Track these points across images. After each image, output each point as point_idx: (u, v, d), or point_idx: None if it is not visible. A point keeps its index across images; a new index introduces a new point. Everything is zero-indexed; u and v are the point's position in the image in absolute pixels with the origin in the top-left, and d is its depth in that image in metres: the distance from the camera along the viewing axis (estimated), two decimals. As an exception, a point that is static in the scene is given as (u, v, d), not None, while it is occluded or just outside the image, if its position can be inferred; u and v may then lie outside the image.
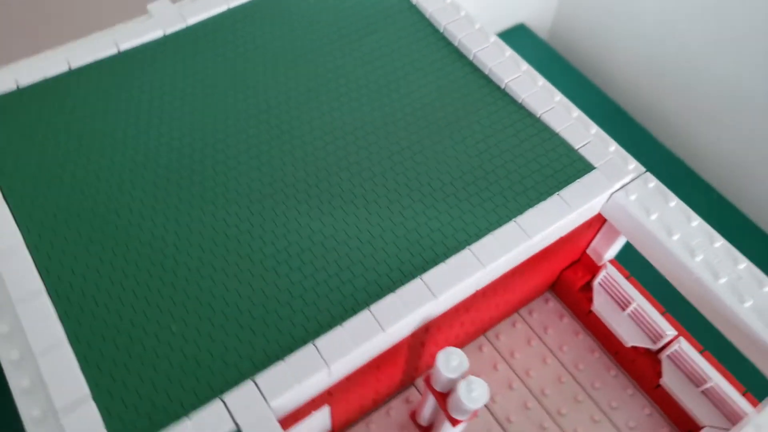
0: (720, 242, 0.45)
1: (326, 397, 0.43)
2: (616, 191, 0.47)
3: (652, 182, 0.47)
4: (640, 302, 0.53)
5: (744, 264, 0.44)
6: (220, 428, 0.35)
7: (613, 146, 0.50)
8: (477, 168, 0.47)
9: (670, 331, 0.52)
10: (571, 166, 0.47)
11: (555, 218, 0.44)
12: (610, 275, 0.55)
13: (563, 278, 0.59)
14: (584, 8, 1.08)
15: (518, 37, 1.13)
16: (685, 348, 0.51)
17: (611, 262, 0.56)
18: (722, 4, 0.86)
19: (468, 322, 0.52)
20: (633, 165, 0.49)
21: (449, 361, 0.41)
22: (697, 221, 0.46)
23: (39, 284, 0.40)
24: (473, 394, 0.40)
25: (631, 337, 0.55)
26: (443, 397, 0.44)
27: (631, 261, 0.55)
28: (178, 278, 0.41)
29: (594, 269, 0.57)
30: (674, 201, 0.47)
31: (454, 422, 0.43)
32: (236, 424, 0.35)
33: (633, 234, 0.47)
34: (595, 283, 0.57)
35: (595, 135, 0.50)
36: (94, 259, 0.41)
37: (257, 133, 0.48)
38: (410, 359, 0.49)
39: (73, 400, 0.36)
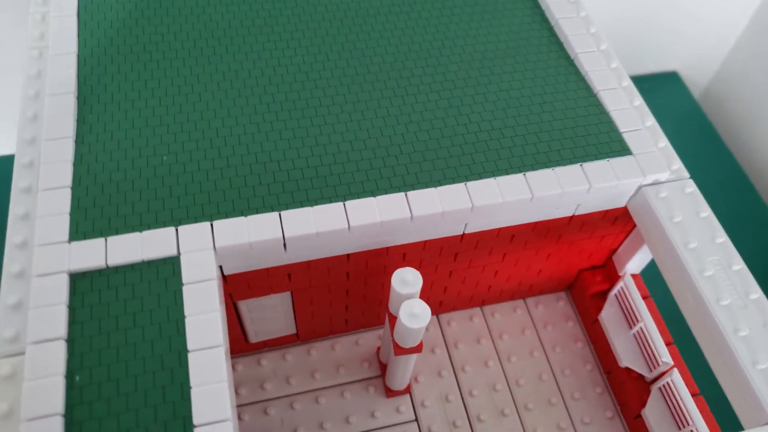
0: (739, 266, 0.40)
1: (286, 280, 0.44)
2: (647, 185, 0.44)
3: (691, 188, 0.43)
4: (647, 324, 0.49)
5: (756, 295, 0.39)
6: (164, 250, 0.37)
7: (663, 143, 0.46)
8: (512, 116, 0.45)
9: (666, 360, 0.47)
10: (607, 145, 0.44)
11: (566, 185, 0.42)
12: (626, 288, 0.51)
13: (580, 279, 0.55)
14: (753, 68, 0.98)
15: (666, 84, 1.06)
16: (677, 383, 0.46)
17: (634, 276, 0.52)
18: None
19: (459, 278, 0.50)
20: (676, 166, 0.45)
21: (403, 276, 0.40)
22: (722, 239, 0.41)
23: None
24: (414, 310, 0.39)
25: (627, 357, 0.50)
26: (394, 322, 0.43)
27: (658, 285, 0.51)
28: (194, 108, 0.43)
29: (614, 279, 0.53)
30: (706, 213, 0.42)
31: (397, 350, 0.42)
32: (178, 252, 0.37)
33: (650, 233, 0.44)
34: (611, 293, 0.53)
35: (647, 127, 0.46)
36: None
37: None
38: (388, 289, 0.49)
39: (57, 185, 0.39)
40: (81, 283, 0.36)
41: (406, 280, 0.40)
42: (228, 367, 0.35)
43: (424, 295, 0.52)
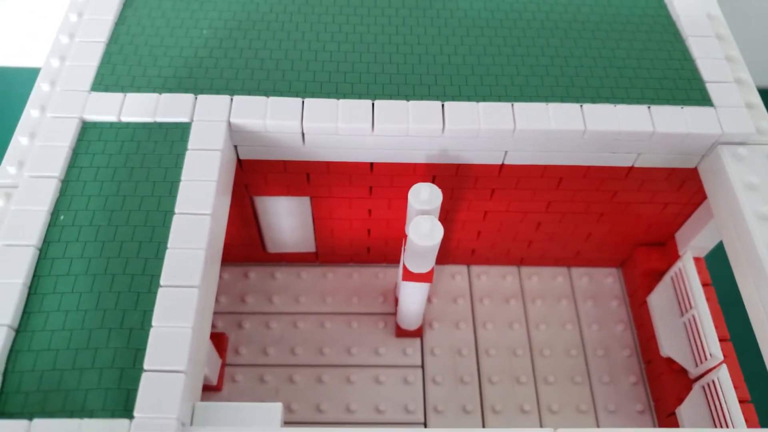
0: (821, 246, 0.34)
1: (304, 181, 0.41)
2: (724, 144, 0.37)
3: (778, 154, 0.37)
4: (700, 311, 0.42)
5: (836, 281, 0.32)
6: (178, 115, 0.36)
7: (756, 101, 0.39)
8: (581, 45, 0.40)
9: (716, 353, 0.40)
10: (684, 92, 0.38)
11: (627, 124, 0.37)
12: (684, 270, 0.45)
13: (634, 255, 0.49)
14: None
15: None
16: (724, 382, 0.39)
17: (696, 259, 0.45)
18: None
19: (495, 223, 0.46)
20: (766, 127, 0.38)
21: (420, 190, 0.36)
22: (806, 213, 0.35)
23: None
24: (423, 226, 0.35)
25: (671, 346, 0.44)
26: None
27: (724, 276, 0.44)
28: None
29: (674, 259, 0.47)
30: (792, 182, 0.36)
31: (406, 274, 0.39)
32: (191, 119, 0.36)
33: (718, 201, 0.38)
34: (667, 275, 0.47)
35: (739, 81, 0.40)
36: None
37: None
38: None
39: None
40: (90, 131, 0.36)
41: (423, 195, 0.36)
42: (211, 231, 0.32)
43: (455, 236, 0.48)
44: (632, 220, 0.46)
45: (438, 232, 0.35)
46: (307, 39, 0.40)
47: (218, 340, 0.46)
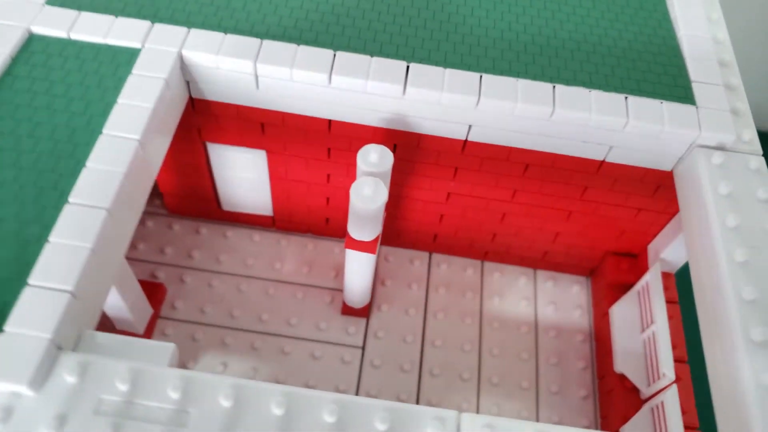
0: (787, 263, 0.31)
1: (259, 132, 0.39)
2: (701, 147, 0.35)
3: (757, 164, 0.34)
4: (659, 328, 0.40)
5: (798, 300, 0.30)
6: (129, 40, 0.34)
7: (743, 107, 0.37)
8: (568, 28, 0.38)
9: (668, 374, 0.38)
10: (668, 87, 0.36)
11: (599, 111, 0.34)
12: (650, 284, 0.42)
13: (603, 265, 0.46)
14: None
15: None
16: (671, 404, 0.37)
17: (665, 274, 0.42)
18: None
19: (458, 207, 0.43)
20: (749, 136, 0.36)
21: (368, 154, 0.34)
22: (777, 228, 0.32)
23: None
24: (366, 187, 0.33)
25: (626, 363, 0.41)
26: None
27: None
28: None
29: (644, 272, 0.44)
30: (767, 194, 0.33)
31: (348, 241, 0.37)
32: (142, 45, 0.34)
33: (687, 206, 0.35)
34: (634, 288, 0.44)
35: (728, 85, 0.37)
36: None
37: None
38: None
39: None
40: (36, 43, 0.34)
41: (371, 156, 0.34)
42: (136, 157, 0.31)
43: (416, 216, 0.45)
44: (603, 224, 0.43)
45: (381, 195, 0.33)
46: (281, -17, 0.38)
47: (155, 290, 0.44)
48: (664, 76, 0.37)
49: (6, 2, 0.35)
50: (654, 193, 0.40)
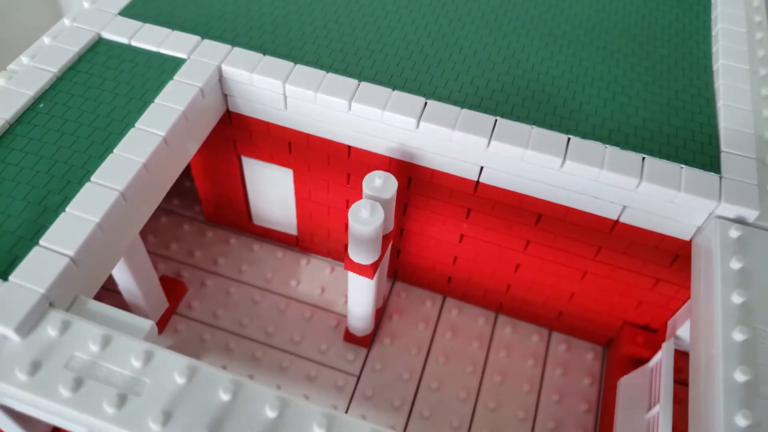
0: (789, 346, 0.29)
1: (286, 151, 0.42)
2: (720, 218, 0.34)
3: (779, 243, 0.32)
4: (663, 410, 0.37)
5: (791, 386, 0.27)
6: (178, 51, 0.38)
7: (771, 185, 0.35)
8: (603, 82, 0.38)
9: (664, 455, 0.35)
10: (692, 154, 0.35)
11: (610, 167, 0.34)
12: (662, 361, 0.40)
13: (621, 335, 0.44)
14: None
15: None
16: (663, 487, 0.34)
17: (680, 352, 0.40)
18: None
19: (471, 251, 0.43)
20: (775, 214, 0.34)
21: (372, 180, 0.35)
22: (786, 309, 0.30)
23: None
24: (364, 209, 0.34)
25: (625, 438, 0.39)
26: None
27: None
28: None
29: (659, 347, 0.42)
30: (782, 274, 0.31)
31: (347, 262, 0.38)
32: (189, 56, 0.38)
33: (697, 277, 0.33)
34: (649, 363, 0.42)
35: (762, 162, 0.36)
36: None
37: None
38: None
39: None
40: (102, 46, 0.38)
41: (376, 181, 0.35)
42: (158, 152, 0.33)
43: (430, 255, 0.46)
44: (620, 290, 0.42)
45: (377, 217, 0.34)
46: (328, 7, 0.41)
47: (175, 286, 0.46)
48: (691, 142, 0.36)
49: (87, 11, 0.40)
50: (672, 264, 0.38)
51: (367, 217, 0.34)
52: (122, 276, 0.40)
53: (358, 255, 0.37)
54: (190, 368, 0.27)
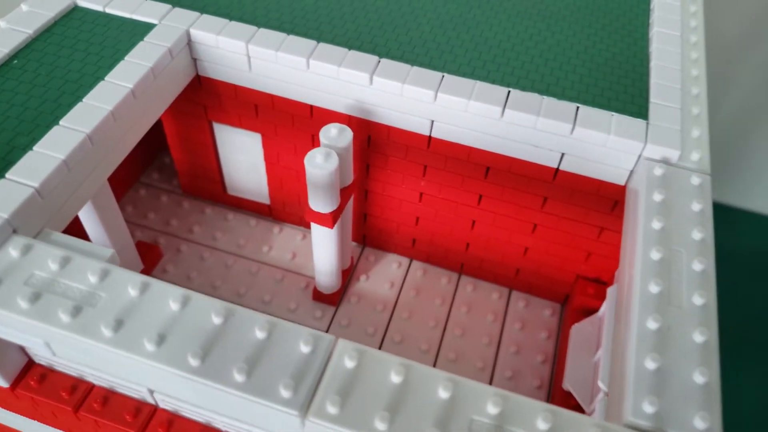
0: (701, 267, 0.31)
1: (253, 114, 0.44)
2: (649, 159, 0.36)
3: (699, 181, 0.35)
4: (605, 349, 0.39)
5: (701, 301, 0.29)
6: (150, 16, 0.40)
7: (702, 134, 0.37)
8: (541, 38, 0.41)
9: (603, 387, 0.37)
10: (623, 104, 0.37)
11: (546, 115, 0.36)
12: (607, 305, 0.41)
13: (574, 289, 0.46)
14: None
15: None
16: (601, 413, 0.36)
17: (629, 300, 0.42)
18: None
19: (431, 209, 0.46)
20: (698, 156, 0.36)
21: (328, 131, 0.38)
22: (702, 235, 0.32)
23: None
24: (319, 155, 0.36)
25: (573, 380, 0.41)
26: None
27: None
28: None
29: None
30: (701, 206, 0.33)
31: (308, 213, 0.40)
32: (160, 21, 0.40)
33: (627, 214, 0.36)
34: (599, 312, 0.43)
35: (687, 112, 0.38)
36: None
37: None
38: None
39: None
40: (77, 12, 0.41)
41: (331, 132, 0.38)
42: (125, 102, 0.36)
43: (393, 216, 0.48)
44: (568, 242, 0.44)
45: (332, 162, 0.36)
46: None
47: (151, 250, 0.49)
48: (623, 94, 0.38)
49: (63, -18, 0.43)
50: (612, 210, 0.40)
51: (321, 163, 0.37)
52: (94, 229, 0.42)
53: (317, 203, 0.39)
54: (143, 283, 0.29)
